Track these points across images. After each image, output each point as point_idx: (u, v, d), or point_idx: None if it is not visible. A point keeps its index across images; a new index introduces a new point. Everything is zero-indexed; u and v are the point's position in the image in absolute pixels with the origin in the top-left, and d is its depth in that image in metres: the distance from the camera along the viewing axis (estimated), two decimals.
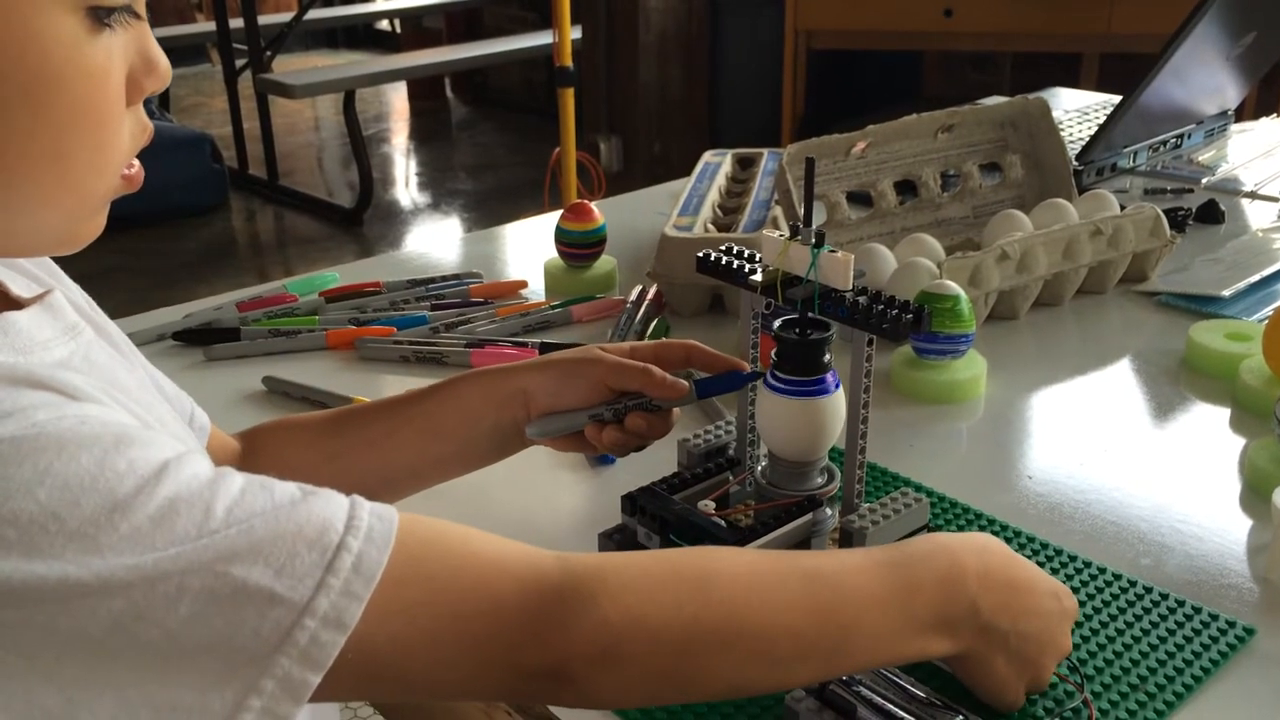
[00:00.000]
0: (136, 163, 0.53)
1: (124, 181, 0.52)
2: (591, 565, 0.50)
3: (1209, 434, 0.90)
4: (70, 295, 0.60)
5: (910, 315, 0.63)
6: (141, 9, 0.51)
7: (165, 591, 0.41)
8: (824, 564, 0.55)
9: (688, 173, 1.30)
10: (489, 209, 4.33)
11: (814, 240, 0.65)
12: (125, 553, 0.41)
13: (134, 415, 0.51)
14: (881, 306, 0.64)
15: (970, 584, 0.56)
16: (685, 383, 0.69)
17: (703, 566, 0.53)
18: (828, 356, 0.68)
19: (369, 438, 0.72)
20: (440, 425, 0.72)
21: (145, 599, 0.41)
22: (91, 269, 3.96)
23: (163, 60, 0.52)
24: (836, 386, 0.68)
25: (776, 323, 0.68)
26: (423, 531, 0.48)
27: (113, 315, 1.13)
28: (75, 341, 0.54)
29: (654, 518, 0.69)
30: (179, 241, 3.97)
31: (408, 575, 0.46)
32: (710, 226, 1.15)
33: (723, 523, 0.67)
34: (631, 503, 0.71)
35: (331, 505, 0.46)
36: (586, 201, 1.18)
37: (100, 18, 0.47)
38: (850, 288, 0.65)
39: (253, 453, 0.74)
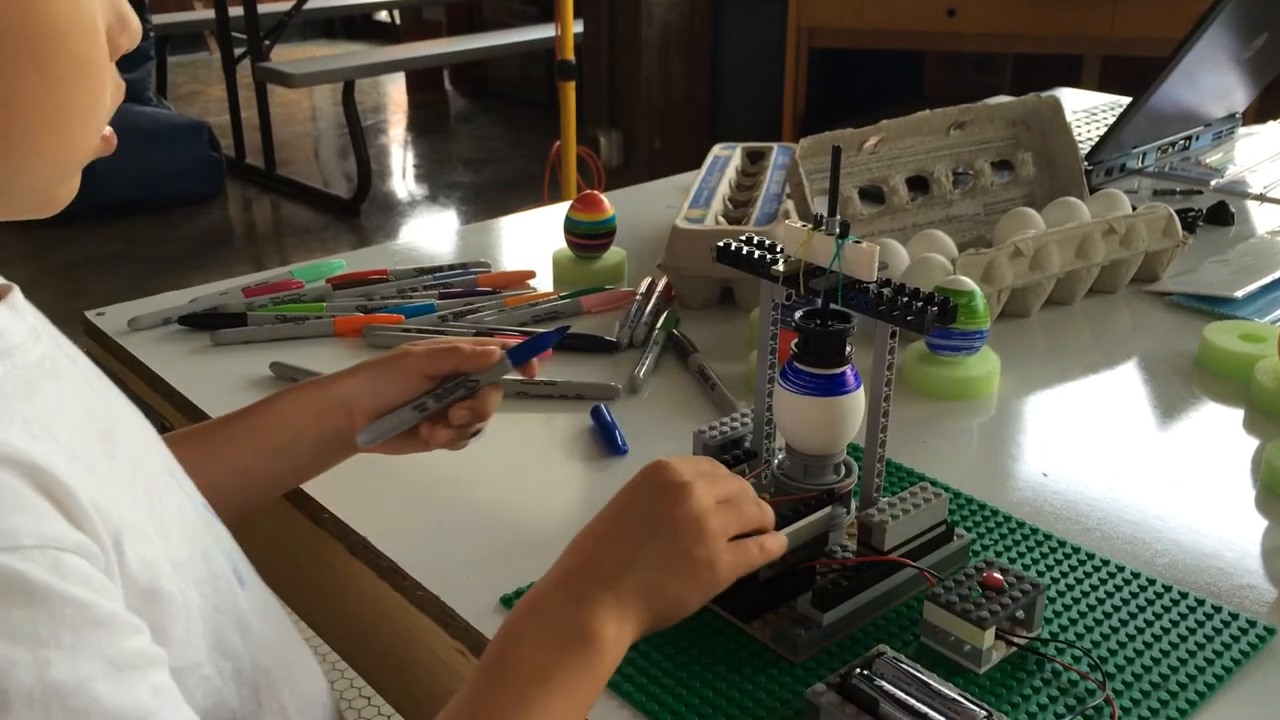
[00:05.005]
0: (109, 126, 0.53)
1: (103, 143, 0.52)
2: None
3: (1224, 434, 0.90)
4: None
5: (935, 307, 0.62)
6: None
7: None
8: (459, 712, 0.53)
9: (688, 168, 1.30)
10: (487, 202, 4.31)
11: (839, 231, 0.64)
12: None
13: (98, 442, 0.50)
14: (906, 298, 0.63)
15: (563, 592, 0.56)
16: (497, 349, 0.70)
17: None
18: (849, 349, 0.67)
19: (194, 460, 0.69)
20: (265, 442, 0.72)
21: None
22: (87, 255, 3.93)
23: (134, 19, 0.51)
24: (857, 382, 0.67)
25: (798, 313, 0.67)
26: None
27: (107, 301, 1.13)
28: (39, 345, 0.52)
29: None
30: (175, 229, 3.95)
31: None
32: (721, 219, 1.14)
33: None
34: None
35: None
36: (597, 192, 1.17)
37: None
38: (875, 279, 0.64)
39: None
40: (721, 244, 0.72)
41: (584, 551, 0.58)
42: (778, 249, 0.70)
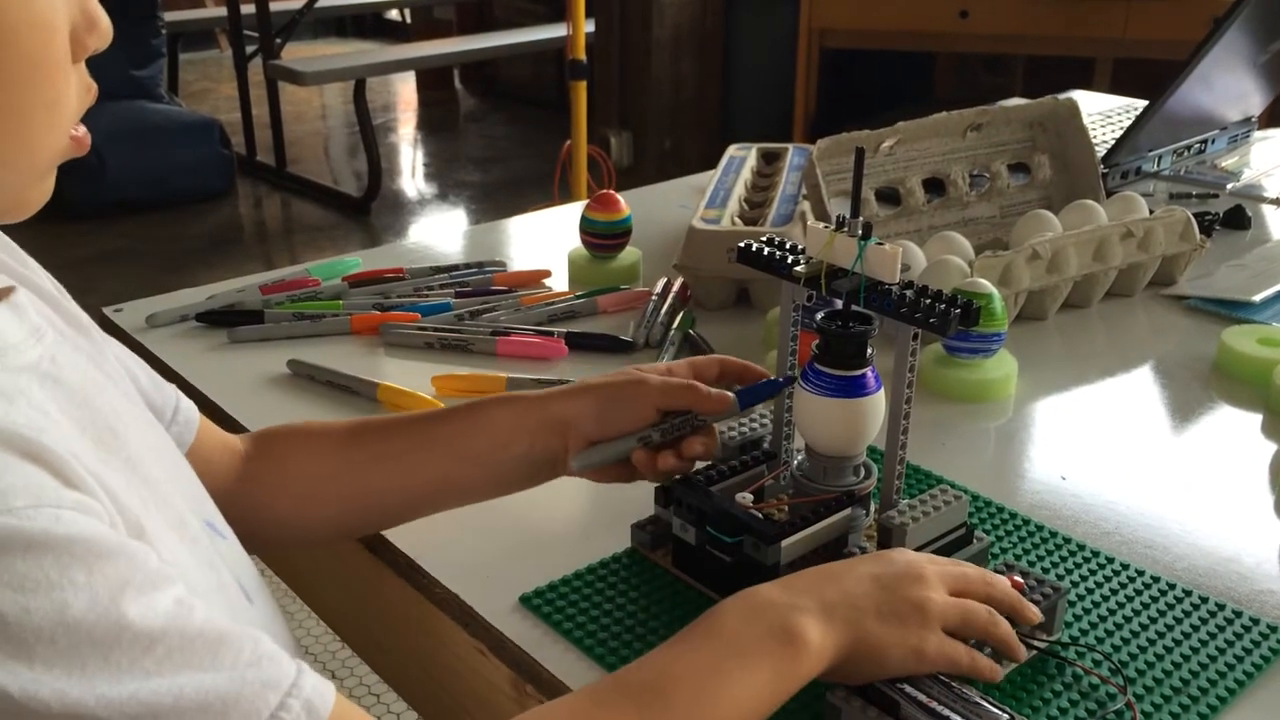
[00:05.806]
0: (82, 126, 0.52)
1: (73, 143, 0.50)
2: None
3: (1242, 439, 0.89)
4: (38, 280, 0.58)
5: (959, 309, 0.62)
6: None
7: None
8: (633, 675, 0.54)
9: (698, 168, 1.29)
10: (496, 201, 4.32)
11: (861, 232, 0.64)
12: (56, 667, 0.39)
13: (97, 438, 0.50)
14: (929, 300, 0.63)
15: (777, 593, 0.57)
16: (730, 395, 0.69)
17: None
18: (870, 350, 0.67)
19: (391, 452, 0.70)
20: (467, 448, 0.70)
21: None
22: (98, 252, 3.94)
23: (104, 18, 0.50)
24: (878, 384, 0.67)
25: (819, 315, 0.67)
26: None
27: (118, 298, 1.13)
28: (41, 345, 0.52)
29: (691, 509, 0.68)
30: (186, 226, 3.96)
31: None
32: (737, 220, 1.14)
33: (760, 515, 0.67)
34: (666, 494, 0.71)
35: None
36: (613, 191, 1.17)
37: None
38: (897, 281, 0.64)
39: (262, 457, 0.72)
40: (742, 245, 0.72)
41: (806, 575, 0.59)
42: (798, 250, 0.70)
